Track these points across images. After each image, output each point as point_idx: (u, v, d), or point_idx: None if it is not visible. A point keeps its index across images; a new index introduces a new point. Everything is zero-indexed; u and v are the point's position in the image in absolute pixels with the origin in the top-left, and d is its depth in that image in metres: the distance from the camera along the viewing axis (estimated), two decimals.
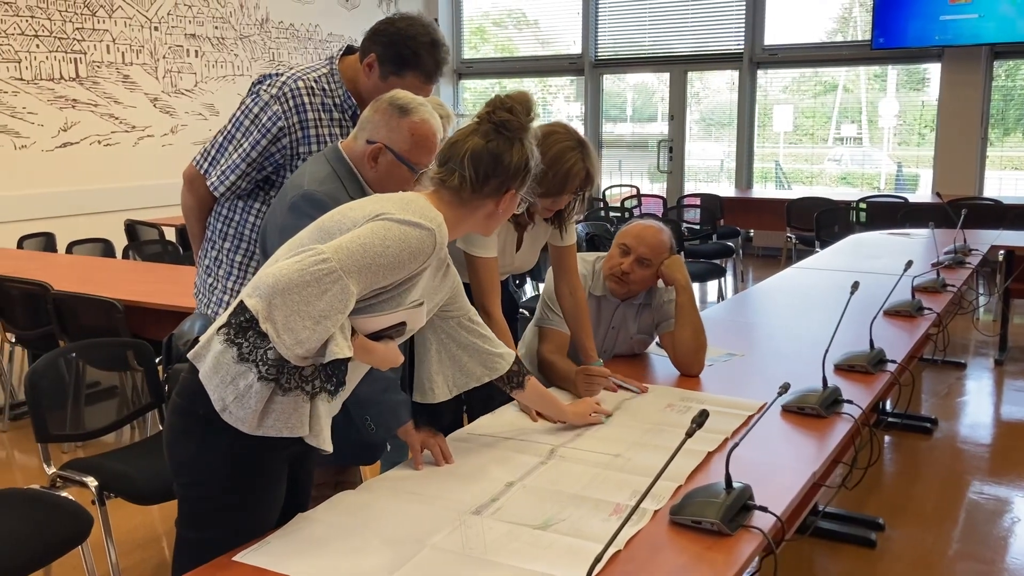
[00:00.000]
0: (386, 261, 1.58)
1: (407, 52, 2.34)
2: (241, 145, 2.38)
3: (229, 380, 1.57)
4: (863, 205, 7.58)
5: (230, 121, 2.44)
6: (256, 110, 2.37)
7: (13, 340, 4.36)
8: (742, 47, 9.54)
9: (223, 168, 2.42)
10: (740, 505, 1.67)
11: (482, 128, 1.77)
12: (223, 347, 1.58)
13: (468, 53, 11.20)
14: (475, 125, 1.79)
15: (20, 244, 5.86)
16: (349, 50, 2.48)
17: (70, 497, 2.41)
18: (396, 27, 2.35)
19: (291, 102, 2.36)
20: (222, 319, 1.61)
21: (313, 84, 2.40)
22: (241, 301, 1.57)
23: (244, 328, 1.56)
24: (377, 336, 1.66)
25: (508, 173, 1.76)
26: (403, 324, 1.68)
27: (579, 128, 10.41)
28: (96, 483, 2.52)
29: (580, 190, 2.44)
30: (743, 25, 9.51)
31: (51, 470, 2.61)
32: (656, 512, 1.72)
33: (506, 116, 1.76)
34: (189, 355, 1.64)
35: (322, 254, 1.53)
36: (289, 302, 1.50)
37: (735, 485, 1.69)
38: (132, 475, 2.57)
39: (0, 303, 4.13)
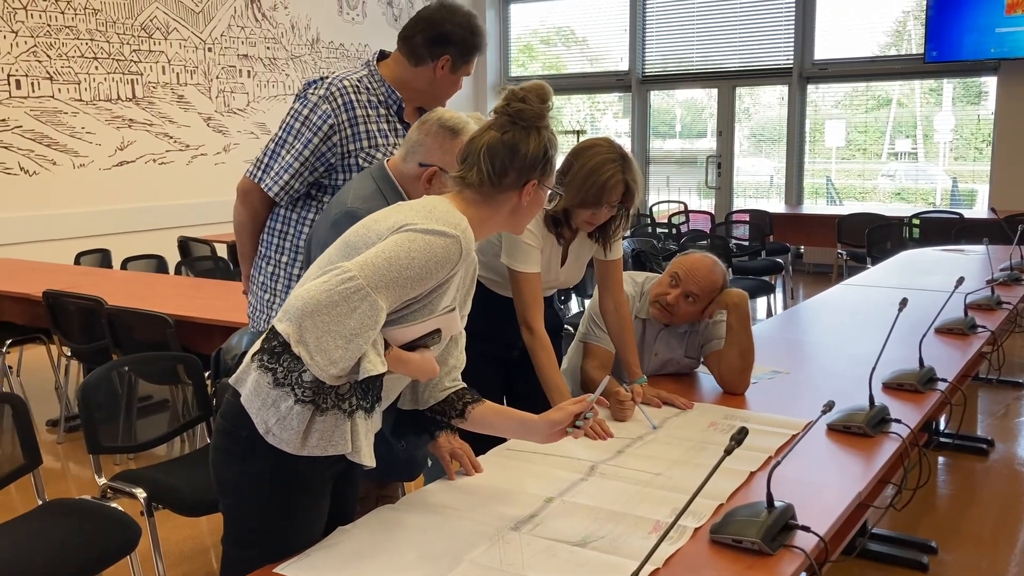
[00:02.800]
0: (413, 273, 1.57)
1: (474, 42, 2.51)
2: (294, 147, 2.44)
3: (270, 403, 1.58)
4: (916, 221, 7.45)
5: (280, 127, 2.50)
6: (306, 112, 2.44)
7: (69, 354, 4.47)
8: (791, 62, 9.47)
9: (276, 170, 2.48)
10: (782, 524, 1.64)
11: (498, 121, 1.76)
12: (259, 373, 1.59)
13: (515, 71, 11.26)
14: (492, 120, 1.78)
15: (77, 260, 6.01)
16: (382, 55, 2.58)
17: (119, 508, 2.45)
18: (457, 24, 2.48)
19: (339, 100, 2.43)
20: (256, 346, 1.63)
21: (357, 84, 2.49)
22: (272, 327, 1.59)
23: (278, 353, 1.58)
24: (412, 346, 1.66)
25: (526, 163, 1.73)
26: (438, 332, 1.68)
27: (626, 144, 10.42)
28: (145, 494, 2.56)
29: (622, 205, 2.43)
30: (792, 40, 9.43)
31: (102, 481, 2.67)
32: (696, 530, 1.71)
33: (520, 106, 1.74)
34: (231, 380, 1.66)
35: (348, 272, 1.53)
36: (319, 323, 1.51)
37: (777, 504, 1.66)
38: (180, 487, 2.61)
39: (57, 318, 4.24)
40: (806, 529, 1.66)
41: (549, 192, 1.83)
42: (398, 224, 1.63)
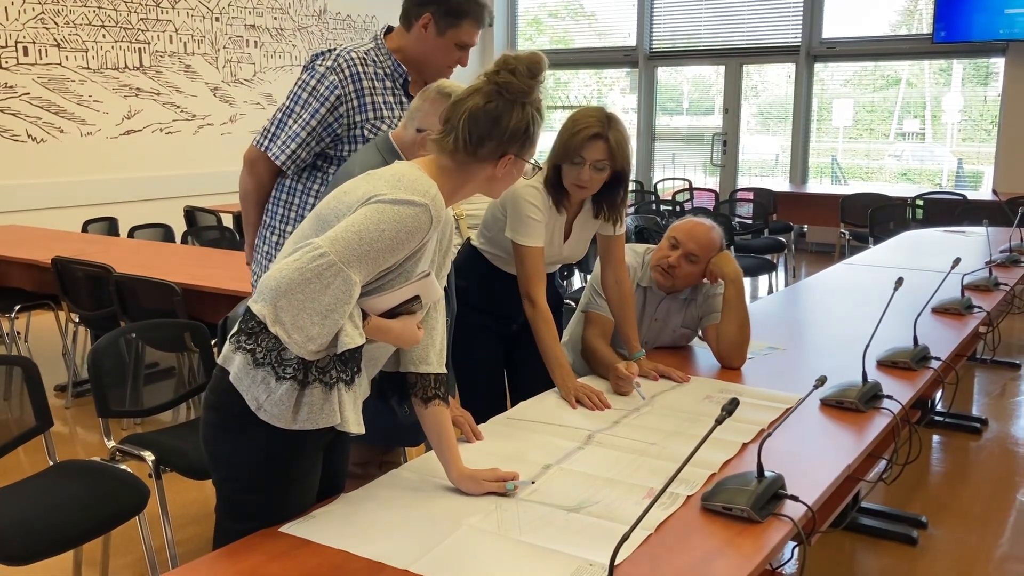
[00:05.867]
0: (383, 245, 1.58)
1: (461, 2, 2.47)
2: (301, 116, 2.48)
3: (259, 381, 1.61)
4: (920, 202, 7.46)
5: (288, 98, 2.54)
6: (313, 82, 2.47)
7: (77, 320, 4.52)
8: (799, 40, 9.44)
9: (283, 139, 2.51)
10: (771, 494, 1.69)
11: (484, 88, 1.72)
12: (239, 354, 1.62)
13: (523, 44, 11.23)
14: (480, 84, 1.74)
15: (85, 228, 6.05)
16: (389, 29, 2.60)
17: (128, 470, 2.51)
18: None
19: (346, 71, 2.46)
20: (235, 327, 1.66)
21: (364, 56, 2.51)
22: (248, 308, 1.61)
23: (255, 333, 1.60)
24: (393, 313, 1.67)
25: (504, 136, 1.71)
26: (417, 298, 1.69)
27: (632, 120, 10.41)
28: (153, 457, 2.62)
29: (610, 166, 2.43)
30: (800, 18, 9.40)
31: (111, 444, 2.73)
32: (689, 498, 1.76)
33: (508, 78, 1.70)
34: (219, 359, 1.68)
35: (319, 248, 1.54)
36: (294, 302, 1.53)
37: (767, 474, 1.71)
38: (187, 451, 2.67)
39: (65, 285, 4.29)
40: (794, 499, 1.71)
41: (529, 166, 1.81)
42: (367, 195, 1.62)
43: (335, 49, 2.52)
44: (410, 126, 2.19)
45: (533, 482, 1.84)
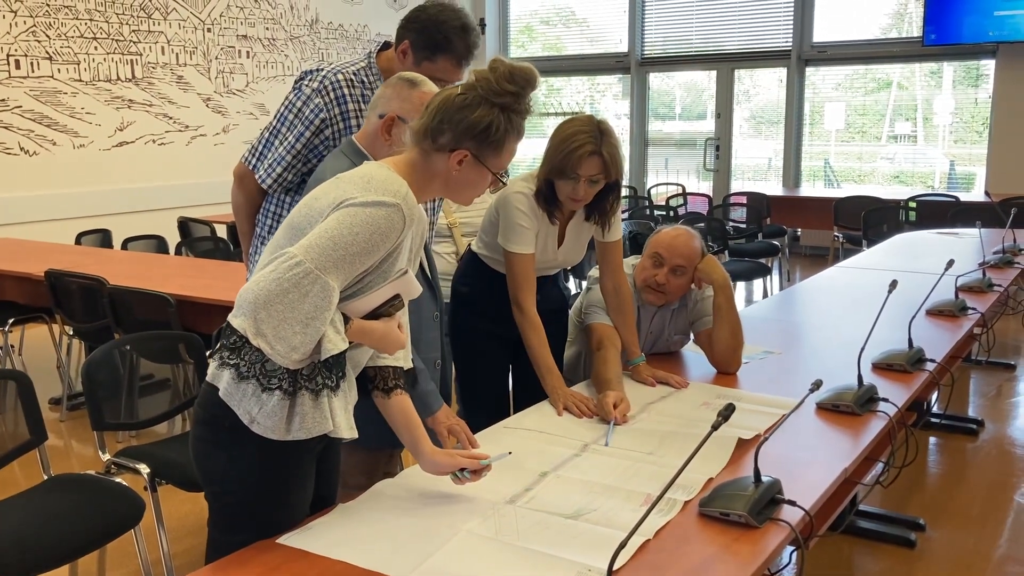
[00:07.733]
0: (358, 248, 1.57)
1: (439, 37, 2.41)
2: (286, 139, 2.47)
3: (249, 394, 1.60)
4: (913, 204, 7.48)
5: (275, 117, 2.53)
6: (299, 104, 2.46)
7: (71, 333, 4.51)
8: (790, 44, 9.47)
9: (270, 161, 2.51)
10: (768, 499, 1.69)
11: (467, 83, 1.75)
12: (223, 370, 1.61)
13: (515, 51, 11.25)
14: (466, 80, 1.77)
15: (78, 240, 6.04)
16: (386, 45, 2.57)
17: (123, 483, 2.50)
18: (428, 13, 2.43)
19: (332, 94, 2.44)
20: (217, 344, 1.64)
21: (352, 77, 2.49)
22: (228, 322, 1.60)
23: (237, 347, 1.59)
24: (375, 315, 1.67)
25: (461, 126, 1.70)
26: (397, 297, 1.68)
27: (625, 126, 10.43)
28: (148, 470, 2.61)
29: (607, 181, 2.45)
30: (791, 22, 9.44)
31: (106, 457, 2.72)
32: (687, 503, 1.76)
33: (484, 74, 1.72)
34: (207, 377, 1.67)
35: (294, 257, 1.54)
36: (274, 313, 1.52)
37: (764, 479, 1.71)
38: (183, 463, 2.65)
39: (59, 297, 4.28)
40: (792, 503, 1.71)
41: (498, 178, 1.79)
42: (337, 200, 1.62)
43: (323, 69, 2.50)
44: (372, 115, 2.17)
45: (510, 452, 1.86)
